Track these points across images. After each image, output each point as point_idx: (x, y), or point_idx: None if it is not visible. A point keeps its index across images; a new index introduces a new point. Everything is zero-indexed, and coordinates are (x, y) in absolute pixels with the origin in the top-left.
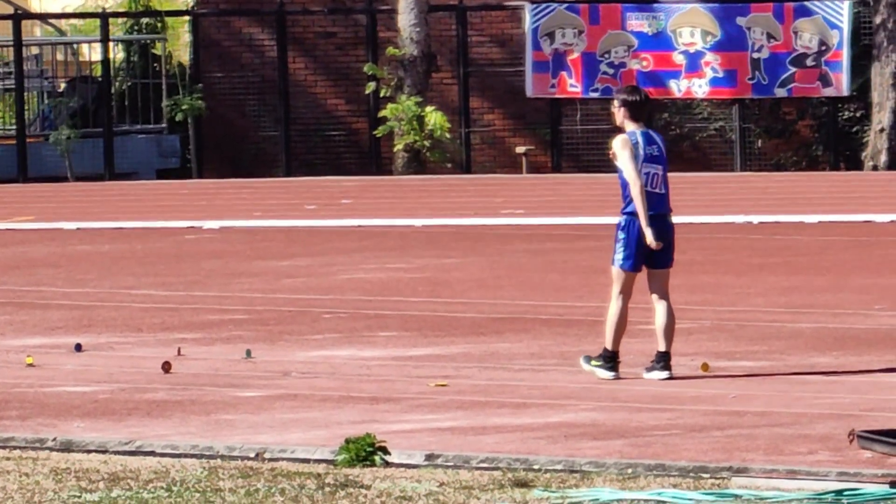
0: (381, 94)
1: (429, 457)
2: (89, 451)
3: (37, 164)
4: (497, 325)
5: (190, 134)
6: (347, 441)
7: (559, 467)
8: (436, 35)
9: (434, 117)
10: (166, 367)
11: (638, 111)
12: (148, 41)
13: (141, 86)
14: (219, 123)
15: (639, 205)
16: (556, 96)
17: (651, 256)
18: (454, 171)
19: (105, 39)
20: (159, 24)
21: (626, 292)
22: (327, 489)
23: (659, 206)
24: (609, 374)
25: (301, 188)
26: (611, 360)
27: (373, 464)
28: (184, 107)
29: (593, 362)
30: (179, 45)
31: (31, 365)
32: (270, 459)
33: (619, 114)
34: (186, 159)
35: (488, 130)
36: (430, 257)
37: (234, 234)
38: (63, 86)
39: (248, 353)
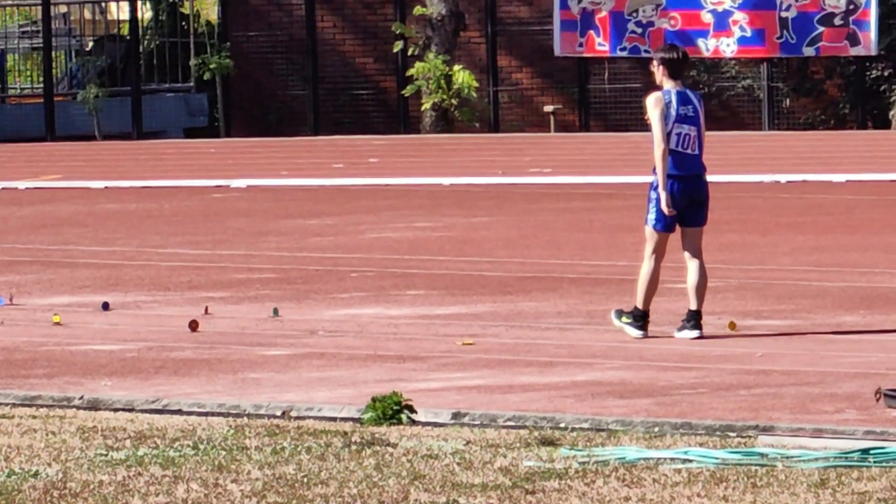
0: (409, 53)
1: (455, 415)
2: (116, 410)
3: (64, 122)
4: (524, 283)
5: (218, 93)
6: (374, 399)
7: (586, 426)
8: None
9: (462, 76)
10: (193, 325)
11: (676, 69)
12: (176, 0)
13: (169, 44)
14: (247, 82)
15: (659, 168)
16: (584, 55)
17: (684, 215)
18: (482, 129)
19: None
20: None
21: (658, 252)
22: (353, 447)
23: (691, 168)
24: (638, 333)
25: (328, 147)
26: (641, 318)
27: (399, 422)
28: (212, 66)
29: (624, 318)
30: (207, 3)
31: (58, 323)
32: (297, 418)
33: (658, 72)
34: (214, 118)
35: (516, 89)
36: (458, 216)
37: (262, 193)
38: (91, 44)
39: (276, 311)
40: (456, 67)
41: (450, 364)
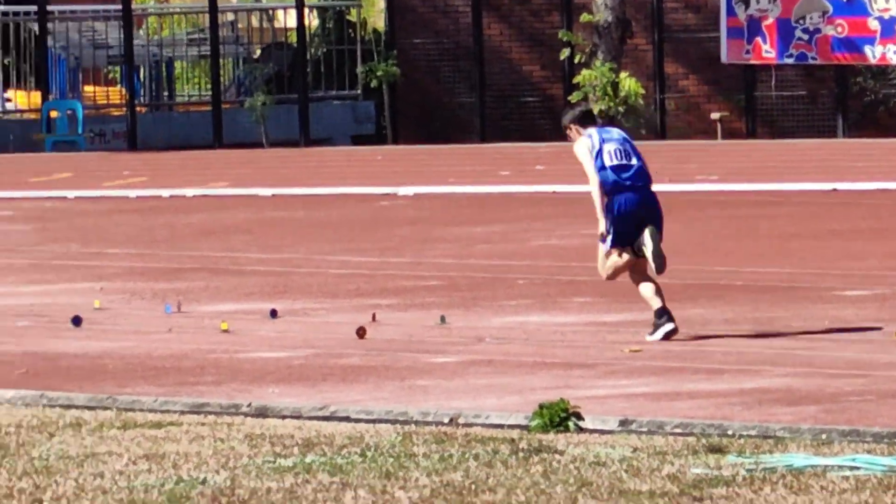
0: (576, 61)
1: (622, 422)
2: (284, 417)
3: (232, 130)
4: (691, 291)
5: (385, 100)
6: (541, 406)
7: (753, 433)
8: (630, 0)
9: (628, 83)
10: (361, 332)
11: (589, 119)
12: (343, 7)
13: (336, 52)
14: (413, 89)
15: (596, 200)
16: (751, 62)
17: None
18: (648, 136)
19: (300, 6)
20: None
21: (628, 266)
22: (521, 455)
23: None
24: (670, 326)
25: (495, 154)
26: (661, 314)
27: (566, 429)
28: (379, 73)
29: (654, 333)
30: (374, 11)
31: (225, 331)
32: (464, 425)
33: (572, 134)
34: (381, 125)
35: (683, 96)
36: None
37: (429, 201)
38: (258, 52)
39: (443, 318)
40: (622, 74)
41: (617, 371)
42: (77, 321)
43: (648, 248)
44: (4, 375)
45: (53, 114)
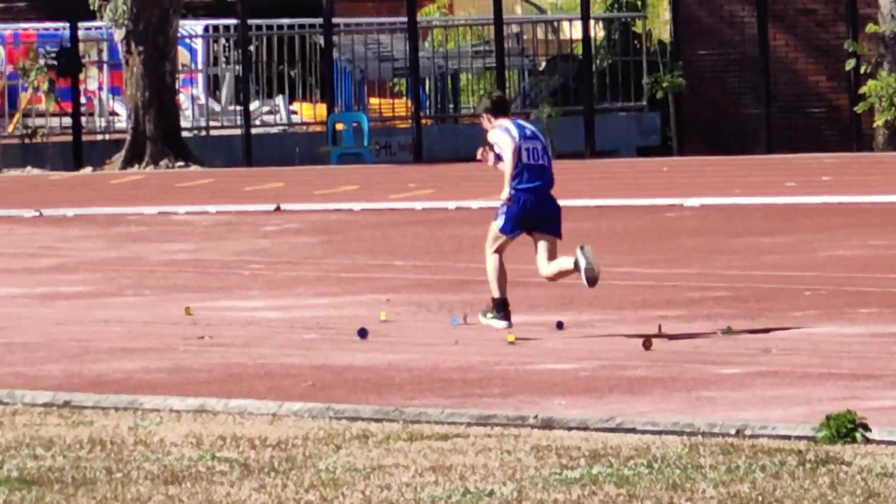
0: (862, 71)
1: None
2: (570, 429)
3: None
4: None
5: (670, 111)
6: (828, 418)
7: None
8: None
9: None
10: (647, 344)
11: (501, 109)
12: (628, 19)
13: (621, 63)
14: (699, 101)
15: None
16: None
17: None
18: None
19: (585, 17)
20: (639, 2)
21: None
22: (808, 466)
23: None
24: (503, 324)
25: (781, 165)
26: (501, 307)
27: (854, 440)
28: (664, 84)
29: (488, 315)
30: (659, 22)
31: (512, 343)
32: (751, 436)
33: (485, 122)
34: (667, 137)
35: None
36: None
37: (714, 212)
38: (543, 64)
39: (729, 329)
40: None
41: None
42: (363, 333)
43: (582, 263)
44: (291, 387)
45: (339, 126)
